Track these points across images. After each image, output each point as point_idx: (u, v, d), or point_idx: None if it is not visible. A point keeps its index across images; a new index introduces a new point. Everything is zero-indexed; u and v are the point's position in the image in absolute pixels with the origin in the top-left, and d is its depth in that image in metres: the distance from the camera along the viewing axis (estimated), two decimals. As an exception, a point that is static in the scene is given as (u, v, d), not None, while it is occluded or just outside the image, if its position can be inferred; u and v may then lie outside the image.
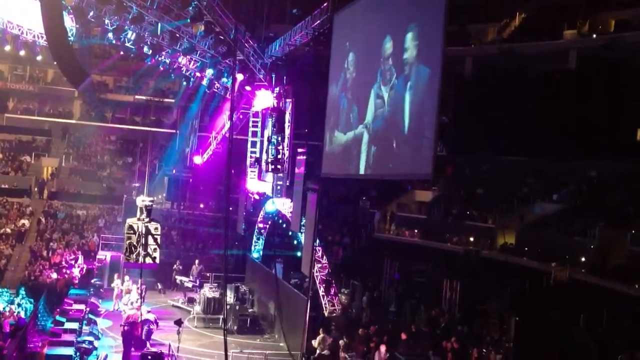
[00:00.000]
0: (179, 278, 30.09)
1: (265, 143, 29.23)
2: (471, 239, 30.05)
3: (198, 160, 37.75)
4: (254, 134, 32.06)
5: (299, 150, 25.55)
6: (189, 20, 25.27)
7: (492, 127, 30.54)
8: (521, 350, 19.65)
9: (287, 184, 27.17)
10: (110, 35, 24.74)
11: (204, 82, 31.55)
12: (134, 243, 21.76)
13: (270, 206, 29.30)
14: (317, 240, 23.43)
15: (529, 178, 32.24)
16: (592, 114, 28.49)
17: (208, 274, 29.96)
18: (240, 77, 29.11)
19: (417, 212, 34.46)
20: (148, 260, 22.07)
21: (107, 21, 23.88)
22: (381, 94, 18.32)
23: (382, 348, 18.51)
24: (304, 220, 24.13)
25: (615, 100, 28.06)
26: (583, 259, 25.01)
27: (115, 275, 27.79)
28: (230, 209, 31.95)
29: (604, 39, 29.23)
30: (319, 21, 24.39)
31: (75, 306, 23.03)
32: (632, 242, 23.69)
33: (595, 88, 28.82)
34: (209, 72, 30.03)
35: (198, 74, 30.50)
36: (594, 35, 30.28)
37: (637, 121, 28.80)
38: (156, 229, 22.23)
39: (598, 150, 27.73)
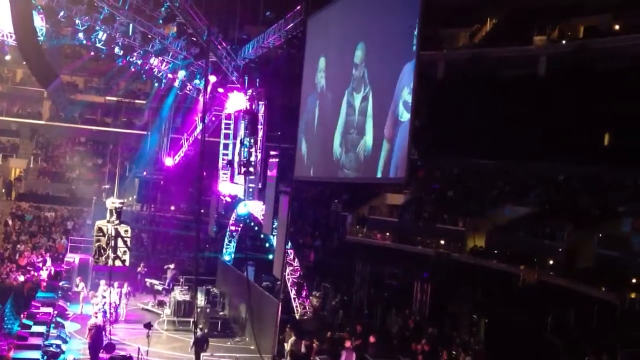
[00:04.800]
0: (149, 281, 29.83)
1: (238, 145, 29.14)
2: (442, 241, 30.27)
3: (169, 162, 37.51)
4: (226, 136, 31.97)
5: (272, 152, 25.54)
6: (161, 22, 25.11)
7: (462, 131, 30.85)
8: (491, 351, 19.87)
9: (259, 186, 27.14)
10: (80, 35, 24.48)
11: (176, 83, 31.39)
12: (103, 245, 21.54)
13: (242, 209, 29.21)
14: (289, 243, 23.42)
15: (498, 181, 32.59)
16: (561, 118, 28.97)
17: (179, 277, 29.75)
18: (212, 78, 29.01)
19: (388, 215, 34.60)
20: (118, 263, 21.86)
21: (77, 21, 23.63)
22: (352, 101, 18.42)
23: (347, 344, 18.61)
24: (275, 223, 24.12)
25: (583, 105, 28.55)
26: (551, 262, 25.35)
27: (78, 279, 27.49)
28: (202, 211, 31.78)
29: (573, 45, 29.72)
30: (292, 24, 24.44)
31: (43, 309, 22.69)
32: (599, 245, 24.08)
33: (563, 93, 29.30)
34: (181, 73, 29.89)
35: (170, 76, 30.34)
36: (564, 41, 30.75)
37: (604, 125, 29.36)
38: (126, 231, 22.03)
39: (566, 154, 28.20)
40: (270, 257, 26.60)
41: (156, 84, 33.70)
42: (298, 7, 23.88)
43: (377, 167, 16.88)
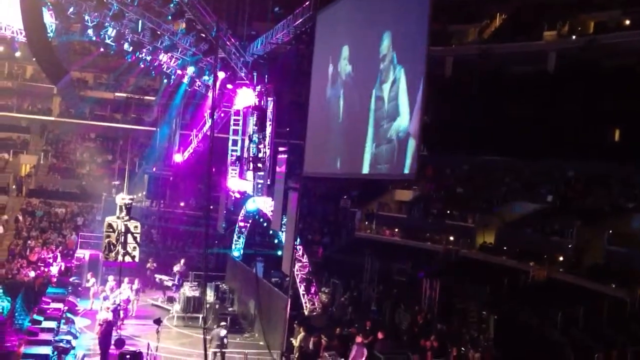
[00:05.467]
0: (158, 277, 29.93)
1: (247, 141, 29.19)
2: (451, 238, 30.24)
3: (179, 158, 37.57)
4: (235, 132, 31.99)
5: (280, 149, 25.54)
6: (170, 18, 25.13)
7: (471, 127, 30.79)
8: (500, 348, 19.83)
9: (268, 182, 27.15)
10: (90, 31, 24.52)
11: (185, 79, 31.41)
12: (113, 241, 21.62)
13: (251, 205, 29.25)
14: (298, 239, 23.44)
15: (507, 178, 32.53)
16: (570, 114, 28.85)
17: (188, 273, 29.82)
18: (221, 75, 29.02)
19: (397, 212, 34.61)
20: (127, 258, 21.94)
21: (87, 18, 23.68)
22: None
23: (358, 339, 18.64)
24: (284, 219, 24.13)
25: (593, 101, 28.42)
26: (561, 258, 25.29)
27: (89, 275, 27.60)
28: (211, 207, 31.84)
29: (583, 41, 29.56)
30: (301, 20, 24.44)
31: (53, 305, 22.81)
32: (608, 242, 24.00)
33: (573, 89, 29.17)
34: (190, 69, 29.90)
35: (179, 72, 30.35)
36: (574, 37, 30.60)
37: (614, 122, 29.23)
38: (136, 227, 22.10)
39: (575, 151, 28.10)
40: (279, 253, 26.63)
41: (165, 80, 33.69)
42: (307, 3, 23.88)
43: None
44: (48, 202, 39.91)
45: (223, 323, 21.06)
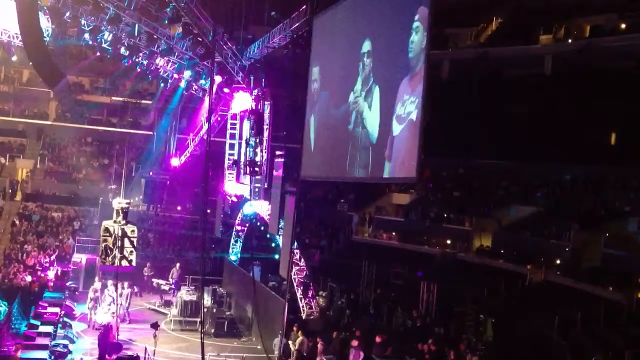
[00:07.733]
0: (155, 281, 29.87)
1: (244, 145, 29.19)
2: (448, 241, 30.25)
3: (175, 162, 37.55)
4: (232, 136, 31.98)
5: (277, 152, 25.53)
6: (166, 22, 25.12)
7: (468, 131, 30.81)
8: (497, 352, 19.84)
9: (265, 186, 27.15)
10: (86, 35, 24.50)
11: (182, 83, 31.39)
12: (110, 246, 21.56)
13: (248, 209, 29.23)
14: (295, 243, 23.42)
15: (504, 181, 32.56)
16: (566, 117, 28.92)
17: (185, 277, 29.78)
18: (218, 79, 29.03)
19: (394, 215, 34.61)
20: (124, 263, 21.89)
21: (83, 22, 23.65)
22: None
23: (354, 343, 18.61)
24: (282, 223, 24.12)
25: (589, 104, 28.49)
26: (558, 262, 25.30)
27: (96, 278, 27.52)
28: (208, 211, 31.83)
29: (579, 44, 29.63)
30: (297, 24, 24.46)
31: (50, 309, 22.76)
32: (606, 245, 24.02)
33: (569, 92, 29.23)
34: (187, 73, 29.90)
35: (176, 76, 30.33)
36: (570, 41, 30.66)
37: (610, 125, 29.30)
38: (133, 231, 22.06)
39: (572, 154, 28.14)
40: (277, 257, 26.63)
41: (162, 84, 33.70)
42: (303, 7, 23.90)
43: (383, 169, 16.91)
44: (45, 207, 39.82)
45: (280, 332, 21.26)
